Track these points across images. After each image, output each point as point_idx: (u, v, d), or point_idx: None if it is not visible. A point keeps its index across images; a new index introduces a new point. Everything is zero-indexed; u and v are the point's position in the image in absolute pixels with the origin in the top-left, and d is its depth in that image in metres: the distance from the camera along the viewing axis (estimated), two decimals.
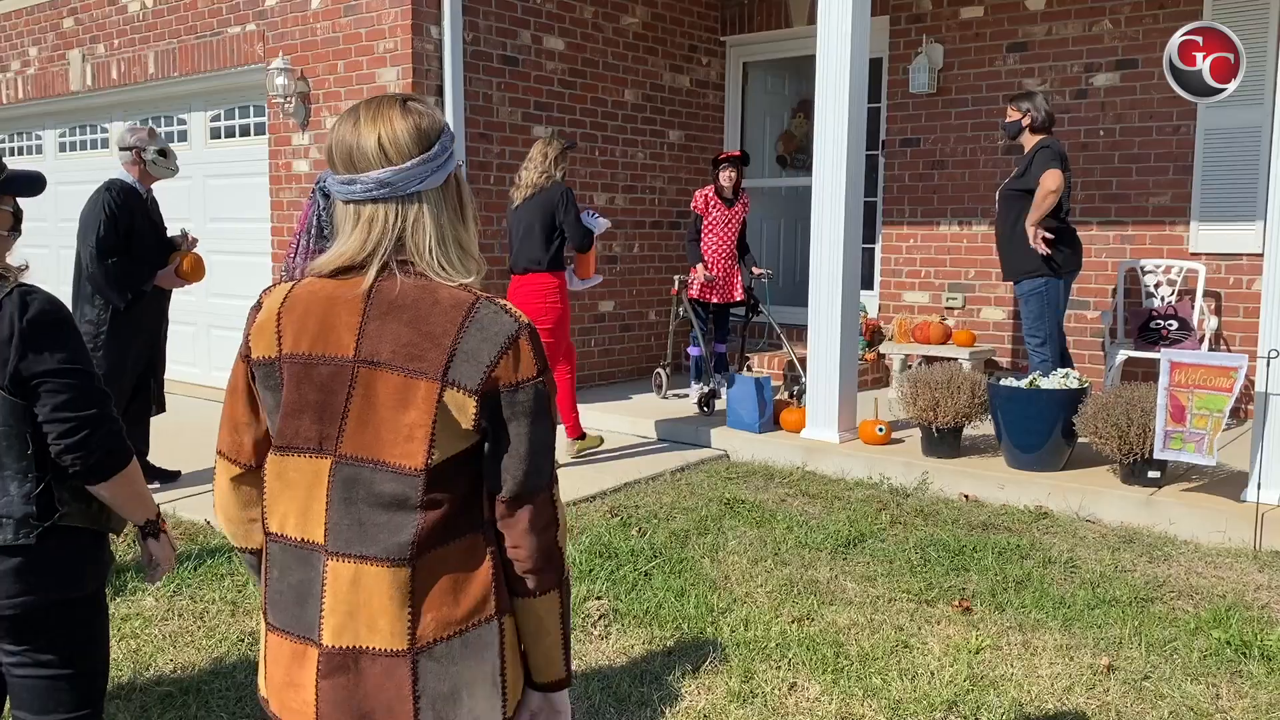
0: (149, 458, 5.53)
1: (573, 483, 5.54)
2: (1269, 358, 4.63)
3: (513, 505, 1.51)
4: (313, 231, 1.74)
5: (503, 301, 1.51)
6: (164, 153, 5.22)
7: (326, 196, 1.71)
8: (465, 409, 1.47)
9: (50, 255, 9.97)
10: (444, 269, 1.52)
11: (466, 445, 1.50)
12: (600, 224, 5.94)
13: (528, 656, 1.59)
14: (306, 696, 1.51)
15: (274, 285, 1.62)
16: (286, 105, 7.14)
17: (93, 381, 2.09)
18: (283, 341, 1.55)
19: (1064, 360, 6.02)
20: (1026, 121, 5.90)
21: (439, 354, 1.46)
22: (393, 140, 1.51)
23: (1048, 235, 5.73)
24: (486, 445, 1.51)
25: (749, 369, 7.65)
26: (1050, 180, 5.62)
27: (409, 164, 1.51)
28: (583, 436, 6.10)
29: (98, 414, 2.07)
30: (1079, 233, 7.31)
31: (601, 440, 6.26)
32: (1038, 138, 5.87)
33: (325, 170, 1.60)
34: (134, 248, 5.09)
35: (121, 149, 5.19)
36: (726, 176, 7.18)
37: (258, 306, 1.61)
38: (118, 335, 5.11)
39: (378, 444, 1.48)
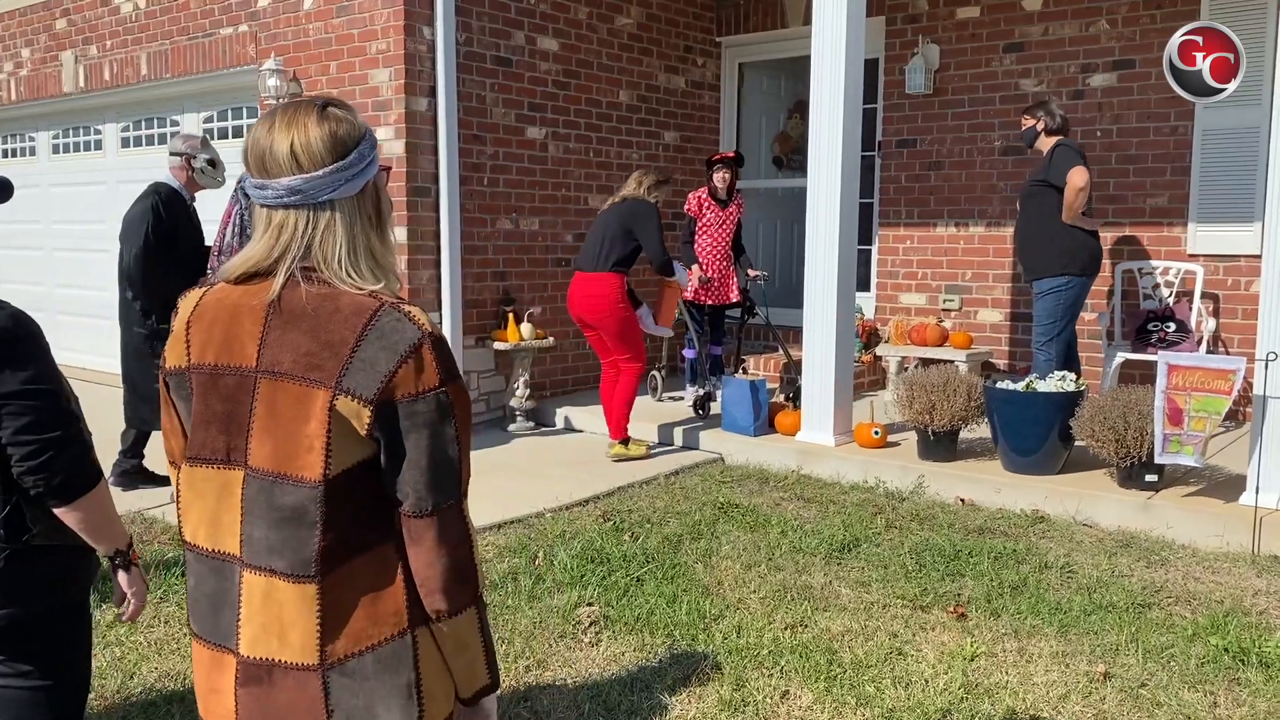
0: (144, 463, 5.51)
1: (566, 487, 5.50)
2: (1267, 360, 4.59)
3: (417, 521, 1.46)
4: (235, 230, 1.71)
5: (409, 308, 1.47)
6: (213, 163, 5.29)
7: (248, 196, 1.68)
8: (359, 417, 1.43)
9: (44, 257, 9.93)
10: (351, 277, 1.49)
11: (365, 455, 1.46)
12: (681, 274, 6.33)
13: (451, 672, 1.56)
14: (227, 703, 1.52)
15: (189, 291, 1.60)
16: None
17: (58, 402, 2.03)
18: (191, 351, 1.54)
19: (1069, 363, 5.98)
20: (1041, 126, 5.96)
21: (336, 363, 1.43)
22: (306, 147, 1.48)
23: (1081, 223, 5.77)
24: (383, 457, 1.46)
25: (745, 371, 7.60)
26: (1077, 177, 5.65)
27: (321, 172, 1.48)
28: (626, 441, 6.08)
29: (62, 436, 2.01)
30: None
31: (647, 452, 6.15)
32: (1055, 139, 5.91)
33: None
34: (175, 252, 5.12)
35: (172, 154, 5.28)
36: (721, 178, 7.14)
37: (176, 312, 1.61)
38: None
39: (280, 456, 1.45)
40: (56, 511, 2.06)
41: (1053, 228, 5.84)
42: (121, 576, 2.18)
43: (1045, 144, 5.97)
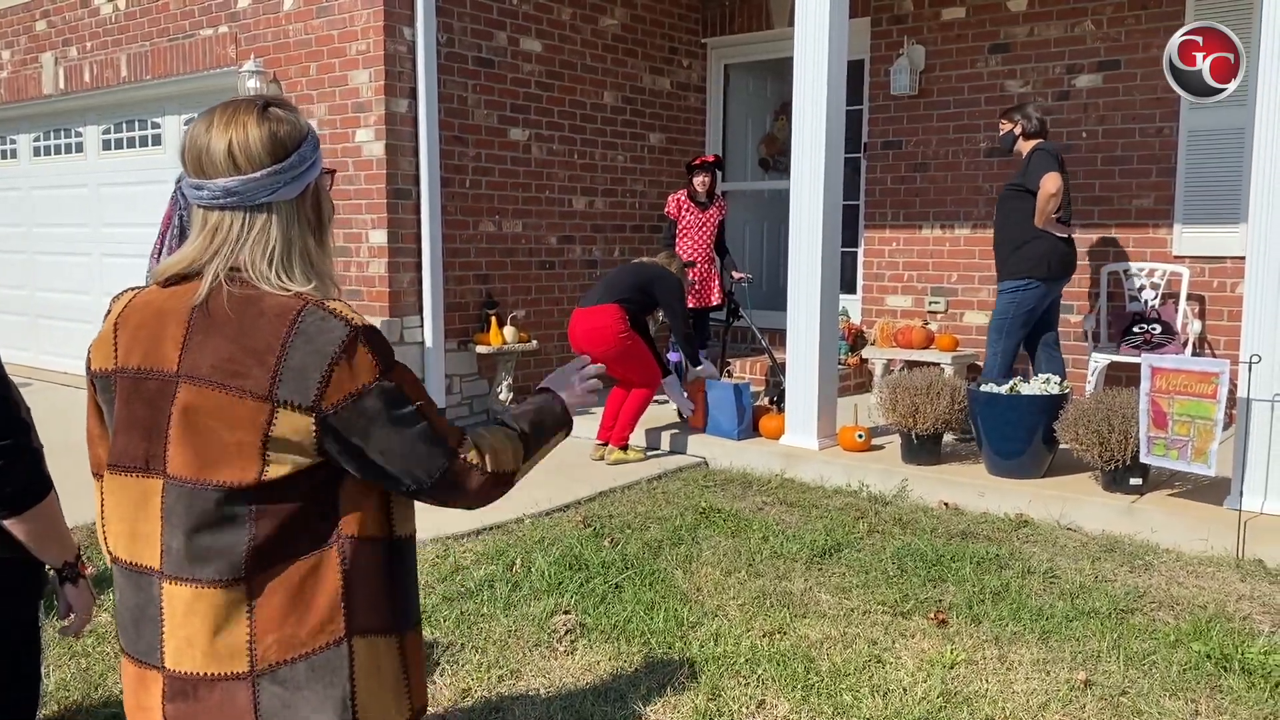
0: None
1: (546, 492, 5.44)
2: (1251, 363, 4.55)
3: (430, 495, 1.47)
4: (175, 233, 1.66)
5: (334, 304, 1.43)
6: None
7: (186, 197, 1.63)
8: (301, 428, 1.39)
9: (25, 260, 9.84)
10: (279, 279, 1.44)
11: (306, 463, 1.42)
12: (708, 367, 6.52)
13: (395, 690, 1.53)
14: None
15: (123, 292, 1.56)
16: None
17: (8, 409, 1.97)
18: (118, 354, 1.49)
19: (992, 369, 6.03)
20: (1019, 130, 5.96)
21: (263, 372, 1.38)
22: (244, 147, 1.44)
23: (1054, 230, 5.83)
24: (350, 465, 1.43)
25: (730, 374, 7.56)
26: (1049, 184, 5.65)
27: (259, 173, 1.44)
28: (625, 447, 6.07)
29: (12, 445, 1.94)
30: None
31: (643, 456, 6.17)
32: (1033, 142, 5.91)
33: None
34: None
35: None
36: (700, 181, 7.11)
37: (108, 313, 1.56)
38: None
39: (201, 463, 1.40)
40: (5, 523, 2.00)
41: (1024, 231, 5.85)
42: (69, 590, 2.11)
43: (1024, 147, 5.96)
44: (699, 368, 6.38)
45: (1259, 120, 4.59)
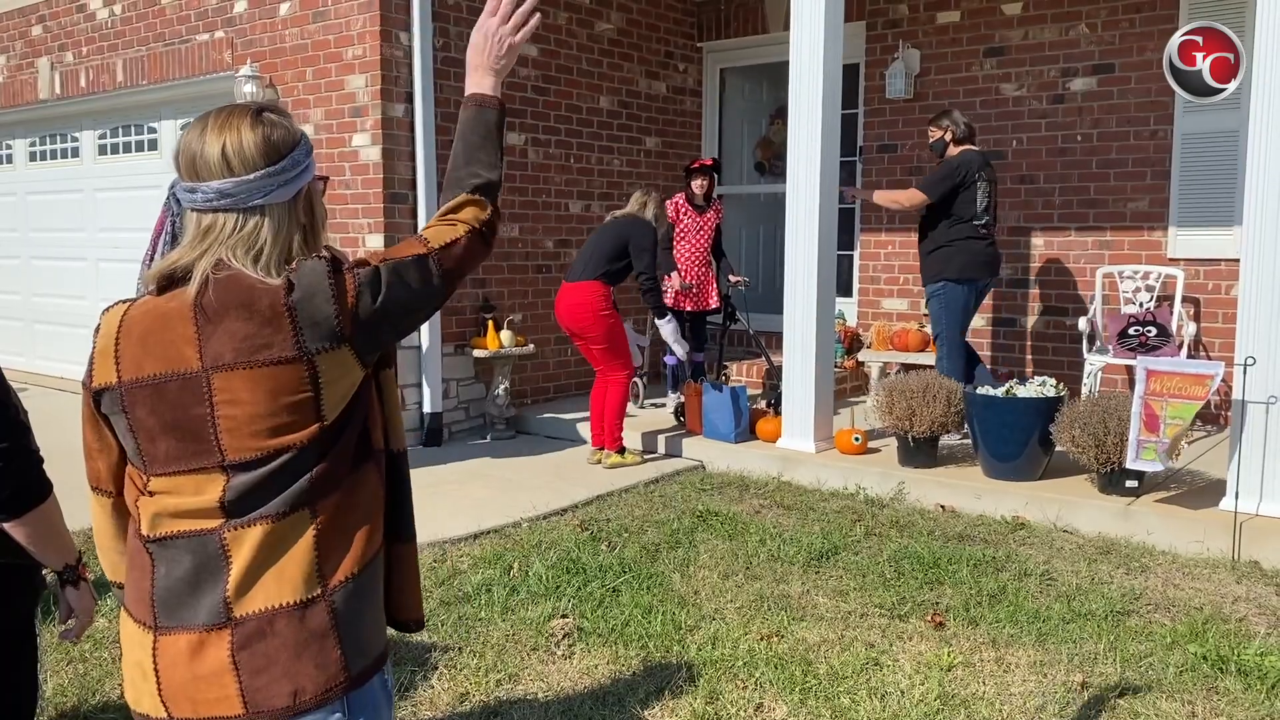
0: None
1: (544, 496, 5.44)
2: (1245, 365, 4.56)
3: (445, 276, 1.60)
4: (167, 241, 1.66)
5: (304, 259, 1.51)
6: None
7: (180, 203, 1.64)
8: (343, 360, 1.47)
9: (21, 265, 9.83)
10: (266, 273, 1.48)
11: (359, 384, 1.51)
12: (668, 330, 6.31)
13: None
14: (225, 681, 1.46)
15: (112, 306, 1.56)
16: None
17: (7, 412, 1.97)
18: (122, 367, 1.49)
19: (969, 366, 6.26)
20: (949, 136, 6.21)
21: (284, 336, 1.43)
22: (238, 150, 1.47)
23: (862, 195, 6.56)
24: (390, 337, 1.54)
25: (727, 378, 7.57)
26: (907, 198, 6.16)
27: (253, 176, 1.47)
28: (622, 450, 6.04)
29: (9, 448, 1.95)
30: (1050, 238, 7.27)
31: (641, 460, 6.13)
32: (961, 149, 6.20)
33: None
34: None
35: None
36: (698, 185, 7.12)
37: (98, 329, 1.55)
38: None
39: (261, 438, 1.45)
40: (5, 526, 2.00)
41: (936, 237, 6.13)
42: (69, 593, 2.11)
43: (954, 152, 6.19)
44: (663, 321, 6.23)
45: (1253, 123, 4.61)
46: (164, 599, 1.49)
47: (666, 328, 6.29)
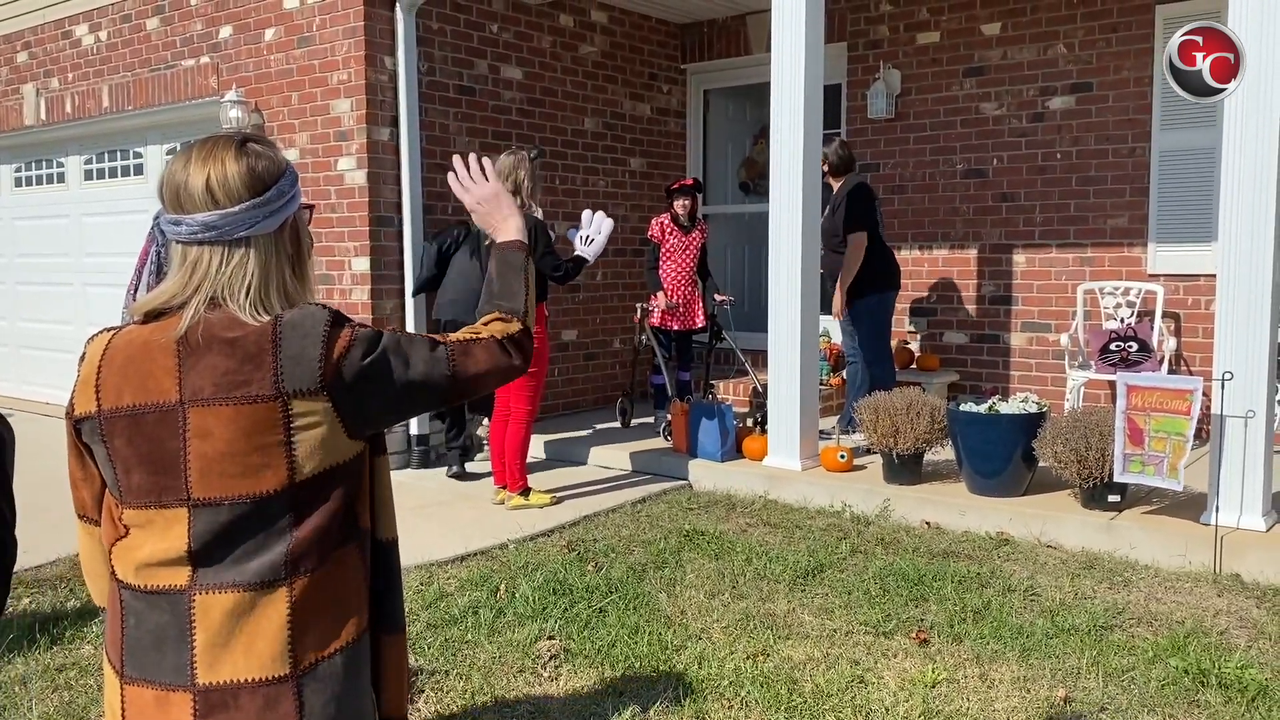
0: None
1: (530, 517, 5.45)
2: (1223, 380, 4.62)
3: (455, 385, 1.56)
4: (152, 270, 1.67)
5: (305, 305, 1.51)
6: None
7: (165, 233, 1.66)
8: (319, 410, 1.44)
9: (6, 291, 9.82)
10: (256, 311, 1.47)
11: (340, 459, 1.47)
12: (590, 250, 5.39)
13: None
14: None
15: (97, 334, 1.56)
16: None
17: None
18: (102, 396, 1.48)
19: (886, 379, 6.56)
20: (826, 167, 6.44)
21: (264, 372, 1.42)
22: (222, 182, 1.46)
23: (846, 284, 6.63)
24: (378, 407, 1.50)
25: (713, 396, 7.60)
26: (858, 248, 6.46)
27: (237, 208, 1.46)
28: (526, 492, 5.63)
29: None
30: (1031, 255, 7.34)
31: (551, 501, 5.68)
32: (841, 179, 6.57)
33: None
34: None
35: None
36: (681, 205, 7.16)
37: (83, 357, 1.55)
38: None
39: (230, 479, 1.43)
40: None
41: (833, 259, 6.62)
42: None
43: (834, 183, 6.61)
44: (586, 248, 5.43)
45: (1226, 140, 4.68)
46: (132, 649, 1.48)
47: (604, 224, 5.43)
